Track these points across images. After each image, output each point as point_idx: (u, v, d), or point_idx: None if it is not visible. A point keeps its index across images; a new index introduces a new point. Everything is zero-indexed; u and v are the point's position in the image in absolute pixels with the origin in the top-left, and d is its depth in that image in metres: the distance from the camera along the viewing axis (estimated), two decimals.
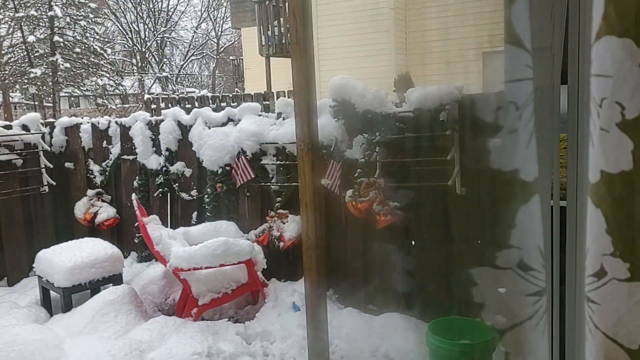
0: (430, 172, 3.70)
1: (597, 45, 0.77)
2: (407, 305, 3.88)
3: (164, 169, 5.10)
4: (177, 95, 16.54)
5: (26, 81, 18.52)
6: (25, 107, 22.46)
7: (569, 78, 1.77)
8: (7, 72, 19.05)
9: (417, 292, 3.85)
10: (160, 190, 5.15)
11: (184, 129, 5.04)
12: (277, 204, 4.50)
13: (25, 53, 18.95)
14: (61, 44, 18.92)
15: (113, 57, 25.32)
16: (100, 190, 5.48)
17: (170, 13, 35.80)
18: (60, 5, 18.98)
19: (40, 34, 18.99)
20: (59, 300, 4.18)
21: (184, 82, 36.26)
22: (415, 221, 3.82)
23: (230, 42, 36.24)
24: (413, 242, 3.86)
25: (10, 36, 19.71)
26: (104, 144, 5.52)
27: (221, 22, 36.76)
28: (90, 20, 20.04)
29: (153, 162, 5.15)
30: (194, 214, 5.01)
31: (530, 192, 1.34)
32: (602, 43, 0.76)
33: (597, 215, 0.80)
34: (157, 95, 18.28)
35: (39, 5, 18.85)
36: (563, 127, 2.72)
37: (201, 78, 39.46)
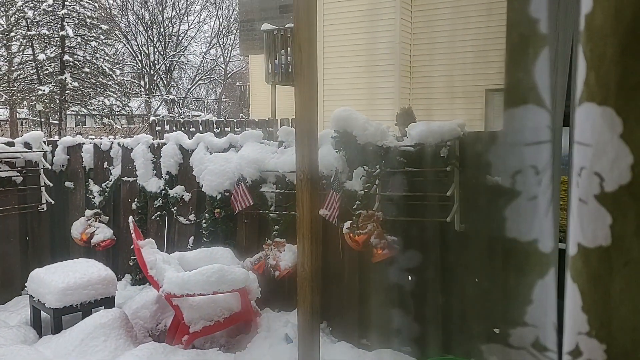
0: (430, 208, 3.68)
1: (579, 110, 0.75)
2: (402, 341, 3.81)
3: (163, 192, 5.09)
4: (182, 118, 16.65)
5: (34, 98, 18.66)
6: (31, 124, 22.60)
7: (571, 122, 1.75)
8: (15, 88, 19.23)
9: (413, 329, 3.79)
10: (159, 213, 5.13)
11: (186, 153, 5.04)
12: (274, 232, 4.47)
13: (34, 70, 19.15)
14: (71, 63, 19.13)
15: (122, 78, 25.57)
16: (98, 210, 5.46)
17: (180, 38, 36.37)
18: (72, 26, 19.25)
19: (51, 53, 19.22)
20: (49, 321, 4.13)
21: (191, 105, 36.58)
22: (413, 256, 3.79)
23: (238, 69, 36.70)
24: (410, 277, 3.82)
25: (21, 53, 19.95)
26: (105, 164, 5.52)
27: (230, 48, 37.32)
28: (101, 42, 20.29)
29: (153, 184, 5.15)
30: (191, 239, 4.98)
31: (548, 264, 1.26)
32: (583, 109, 0.74)
33: (574, 290, 0.76)
34: (162, 117, 18.40)
35: (51, 24, 19.13)
36: (564, 169, 2.73)
37: (207, 102, 39.83)
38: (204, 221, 4.82)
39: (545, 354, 1.29)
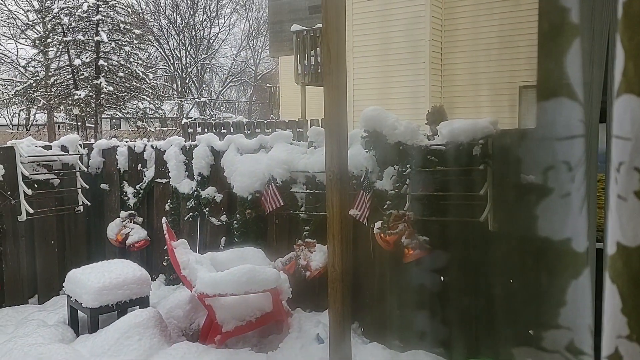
0: (462, 207, 3.62)
1: (617, 102, 0.71)
2: (435, 343, 3.76)
3: (196, 193, 5.15)
4: (214, 120, 16.85)
5: (70, 102, 19.14)
6: (68, 127, 23.18)
7: (608, 116, 1.67)
8: (52, 93, 19.77)
9: (445, 330, 3.74)
10: (191, 214, 5.19)
11: (217, 154, 5.09)
12: (305, 233, 4.48)
13: (71, 75, 19.64)
14: (105, 68, 19.56)
15: (154, 81, 26.00)
16: (132, 212, 5.56)
17: (211, 41, 36.85)
18: (107, 31, 19.67)
19: (86, 58, 19.68)
20: (86, 320, 4.22)
21: (222, 107, 37.01)
22: (445, 256, 3.73)
23: (268, 70, 36.99)
24: (442, 278, 3.77)
25: (57, 59, 20.51)
26: (139, 166, 5.62)
27: (260, 50, 37.69)
28: (134, 46, 20.67)
29: (185, 186, 5.22)
30: (223, 239, 5.02)
31: (582, 264, 1.20)
32: (621, 101, 0.70)
33: (613, 292, 0.72)
34: (194, 119, 18.66)
35: (86, 30, 19.60)
36: (601, 167, 2.64)
37: (238, 104, 40.25)
38: (235, 222, 4.86)
39: (581, 357, 1.24)
